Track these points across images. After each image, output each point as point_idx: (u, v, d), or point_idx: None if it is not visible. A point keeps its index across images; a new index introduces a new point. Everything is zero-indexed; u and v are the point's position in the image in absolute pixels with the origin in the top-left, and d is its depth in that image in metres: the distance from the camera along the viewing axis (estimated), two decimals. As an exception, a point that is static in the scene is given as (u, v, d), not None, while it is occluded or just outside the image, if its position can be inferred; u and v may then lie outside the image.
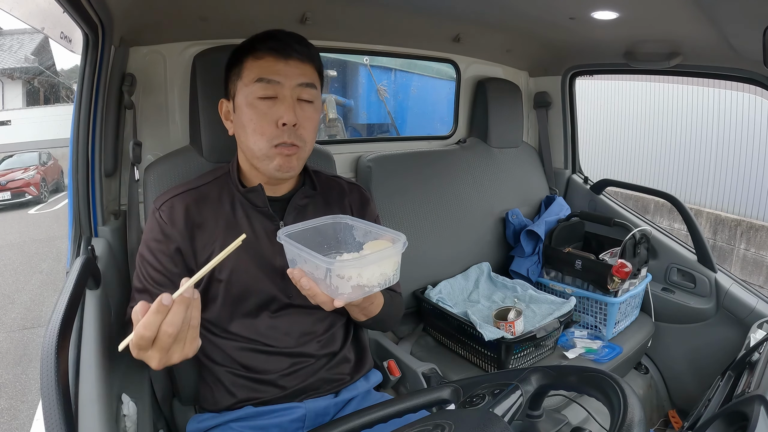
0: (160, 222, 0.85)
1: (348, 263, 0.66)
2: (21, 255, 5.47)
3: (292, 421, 0.87)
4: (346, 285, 0.66)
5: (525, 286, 1.51)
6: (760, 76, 1.28)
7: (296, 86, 0.81)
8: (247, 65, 0.81)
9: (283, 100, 0.80)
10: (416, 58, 1.68)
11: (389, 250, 0.68)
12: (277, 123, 0.80)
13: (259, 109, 0.80)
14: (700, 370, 1.52)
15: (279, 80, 0.80)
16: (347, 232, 0.78)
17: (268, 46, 0.80)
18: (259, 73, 0.80)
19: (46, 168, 9.72)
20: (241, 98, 0.82)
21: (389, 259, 0.68)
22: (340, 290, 0.66)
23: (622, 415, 0.51)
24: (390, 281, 0.69)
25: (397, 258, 0.69)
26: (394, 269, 0.69)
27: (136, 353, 0.60)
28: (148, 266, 0.83)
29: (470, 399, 0.63)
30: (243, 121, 0.81)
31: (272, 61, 0.80)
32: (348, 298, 0.67)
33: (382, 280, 0.68)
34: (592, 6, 1.09)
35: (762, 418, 0.71)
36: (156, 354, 0.59)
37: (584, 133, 2.23)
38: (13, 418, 2.52)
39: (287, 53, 0.81)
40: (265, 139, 0.81)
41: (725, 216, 4.54)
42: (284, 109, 0.80)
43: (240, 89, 0.82)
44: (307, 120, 0.83)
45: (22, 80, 12.76)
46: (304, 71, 0.82)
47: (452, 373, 1.27)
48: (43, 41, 12.70)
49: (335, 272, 0.65)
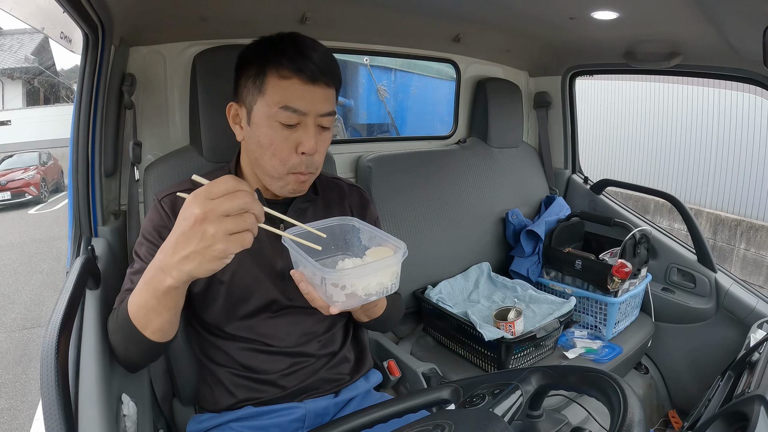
0: (161, 213, 0.83)
1: (343, 273, 0.64)
2: (21, 255, 5.47)
3: (291, 421, 0.87)
4: (341, 294, 0.64)
5: (525, 286, 1.51)
6: (760, 76, 1.28)
7: (319, 116, 0.79)
8: (270, 82, 0.76)
9: (305, 128, 0.78)
10: (416, 58, 1.68)
11: (387, 260, 0.66)
12: (297, 150, 0.78)
13: (280, 133, 0.77)
14: (700, 370, 1.52)
15: (305, 111, 0.76)
16: (354, 234, 0.78)
17: (296, 66, 0.75)
18: (285, 100, 0.76)
19: (46, 168, 9.72)
20: (260, 116, 0.78)
21: (387, 269, 0.66)
22: (335, 298, 0.65)
23: (622, 415, 0.51)
24: (388, 290, 0.67)
25: (396, 268, 0.67)
26: (392, 279, 0.67)
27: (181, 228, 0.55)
28: (150, 245, 0.81)
29: (470, 399, 0.63)
30: (259, 138, 0.79)
31: (298, 85, 0.76)
32: (343, 306, 0.65)
33: (379, 289, 0.66)
34: (592, 6, 1.10)
35: (762, 418, 0.71)
36: (191, 243, 0.54)
37: (584, 133, 2.23)
38: (13, 418, 2.52)
39: (315, 77, 0.76)
40: (281, 164, 0.79)
41: (725, 216, 4.54)
42: (306, 137, 0.77)
43: (260, 105, 0.77)
44: (323, 145, 0.82)
45: (22, 80, 12.76)
46: (327, 97, 0.79)
47: (452, 373, 1.27)
48: (43, 41, 12.70)
49: (329, 281, 0.64)
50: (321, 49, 0.78)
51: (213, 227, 0.53)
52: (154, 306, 0.63)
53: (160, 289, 0.60)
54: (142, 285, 0.64)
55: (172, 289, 0.60)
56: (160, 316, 0.64)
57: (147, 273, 0.63)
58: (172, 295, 0.62)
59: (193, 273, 0.56)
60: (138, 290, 0.65)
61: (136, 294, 0.65)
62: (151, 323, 0.65)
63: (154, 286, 0.61)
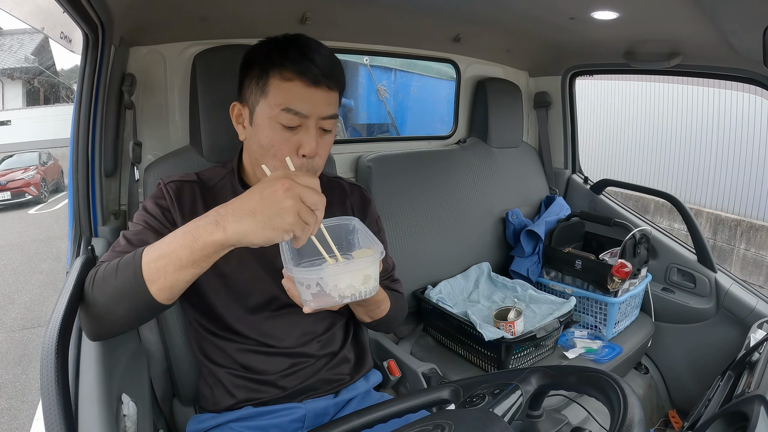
0: (166, 196, 0.83)
1: (307, 271, 0.64)
2: (21, 255, 5.47)
3: (291, 421, 0.87)
4: (307, 293, 0.64)
5: (525, 286, 1.51)
6: (760, 76, 1.28)
7: (321, 118, 0.78)
8: (273, 84, 0.76)
9: (306, 130, 0.77)
10: (416, 58, 1.68)
11: (358, 262, 0.65)
12: (298, 151, 0.78)
13: (281, 135, 0.77)
14: (700, 370, 1.52)
15: (306, 113, 0.76)
16: (353, 234, 0.78)
17: (299, 69, 0.75)
18: (287, 102, 0.75)
19: (46, 168, 9.72)
20: (262, 116, 0.78)
21: (355, 272, 0.64)
22: (303, 296, 0.65)
23: (622, 415, 0.51)
24: (361, 294, 0.65)
25: (367, 272, 0.65)
26: (362, 282, 0.65)
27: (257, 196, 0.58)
28: (151, 218, 0.80)
29: (470, 399, 0.63)
30: (260, 139, 0.79)
31: (301, 87, 0.75)
32: (315, 305, 0.65)
33: (349, 292, 0.64)
34: (592, 6, 1.10)
35: (762, 418, 0.71)
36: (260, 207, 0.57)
37: (584, 133, 2.24)
38: (13, 418, 2.51)
39: (317, 80, 0.76)
40: (282, 165, 0.78)
41: (725, 216, 4.54)
42: (307, 139, 0.77)
43: (262, 106, 0.78)
44: (325, 148, 0.82)
45: (22, 80, 12.77)
46: (329, 101, 0.79)
47: (452, 373, 1.27)
48: (43, 41, 12.69)
49: (296, 279, 0.64)
50: (325, 52, 0.78)
51: (291, 201, 0.57)
52: (181, 258, 0.60)
53: (206, 240, 0.59)
54: (176, 236, 0.61)
55: (216, 245, 0.59)
56: (181, 271, 0.61)
57: (188, 226, 0.61)
58: (209, 251, 0.60)
59: (248, 235, 0.58)
60: (166, 241, 0.62)
61: (163, 244, 0.62)
62: (166, 277, 0.61)
63: (197, 236, 0.59)
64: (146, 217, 0.80)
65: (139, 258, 0.62)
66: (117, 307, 0.64)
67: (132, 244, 0.74)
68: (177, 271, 0.61)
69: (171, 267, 0.61)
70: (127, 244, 0.75)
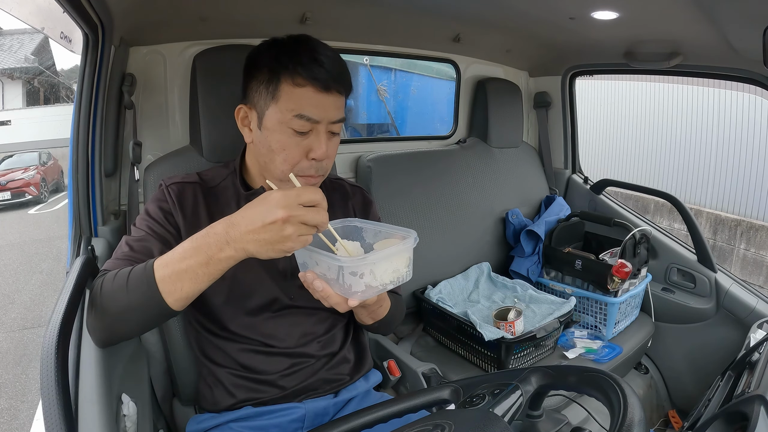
0: (168, 198, 0.83)
1: (360, 259, 0.65)
2: (21, 255, 5.47)
3: (291, 421, 0.87)
4: (360, 283, 0.65)
5: (525, 286, 1.51)
6: (760, 76, 1.28)
7: (330, 123, 0.79)
8: (284, 89, 0.76)
9: (316, 134, 0.78)
10: (416, 58, 1.68)
11: (400, 245, 0.68)
12: (307, 155, 0.79)
13: (292, 139, 0.78)
14: (700, 370, 1.52)
15: (318, 119, 0.77)
16: (357, 234, 0.78)
17: (311, 74, 0.75)
18: (300, 108, 0.76)
19: (46, 168, 9.72)
20: (273, 121, 0.78)
21: (400, 255, 0.68)
22: (354, 288, 0.66)
23: (622, 415, 0.51)
24: (403, 278, 0.69)
25: (409, 254, 0.70)
26: (406, 265, 0.70)
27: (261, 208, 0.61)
28: (153, 222, 0.81)
29: (470, 399, 0.63)
30: (270, 144, 0.79)
31: (313, 93, 0.76)
32: (362, 296, 0.66)
33: (394, 277, 0.68)
34: (592, 6, 1.10)
35: (762, 418, 0.71)
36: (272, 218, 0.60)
37: (584, 133, 2.24)
38: (13, 418, 2.51)
39: (328, 86, 0.76)
40: (291, 168, 0.79)
41: (725, 216, 4.54)
42: (317, 144, 0.78)
43: (273, 111, 0.77)
44: (333, 150, 0.82)
45: (22, 80, 12.77)
46: (339, 105, 0.79)
47: (452, 373, 1.27)
48: (43, 41, 12.70)
49: (348, 270, 0.65)
50: (333, 55, 0.79)
51: (292, 228, 0.60)
52: (196, 273, 0.64)
53: (218, 257, 0.63)
54: (188, 252, 0.64)
55: (229, 260, 0.63)
56: (196, 284, 0.64)
57: (197, 241, 0.64)
58: (222, 265, 0.64)
59: (255, 254, 0.63)
60: (178, 257, 0.64)
61: (175, 261, 0.64)
62: (183, 290, 0.64)
63: (210, 254, 0.63)
64: (149, 221, 0.81)
65: (151, 272, 0.65)
66: (131, 317, 0.67)
67: (134, 251, 0.75)
68: (193, 285, 0.65)
69: (188, 282, 0.64)
70: (130, 250, 0.76)
